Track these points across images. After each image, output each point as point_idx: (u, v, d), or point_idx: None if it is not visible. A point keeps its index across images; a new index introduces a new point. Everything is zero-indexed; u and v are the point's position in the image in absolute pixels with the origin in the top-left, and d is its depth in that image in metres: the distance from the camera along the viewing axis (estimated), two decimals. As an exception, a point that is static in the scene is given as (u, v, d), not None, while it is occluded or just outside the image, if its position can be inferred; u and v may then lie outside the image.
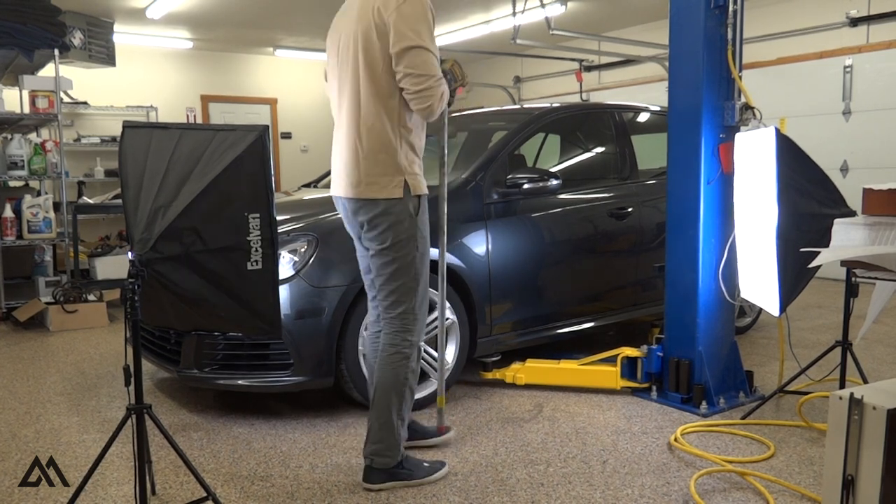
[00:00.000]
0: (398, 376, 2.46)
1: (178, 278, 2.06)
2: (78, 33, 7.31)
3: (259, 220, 2.14)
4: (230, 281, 2.10)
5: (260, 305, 2.14)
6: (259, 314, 2.15)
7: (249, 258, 2.10)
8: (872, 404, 1.61)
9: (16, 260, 6.02)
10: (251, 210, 2.12)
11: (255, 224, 2.11)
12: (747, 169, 3.04)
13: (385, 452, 2.47)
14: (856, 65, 6.83)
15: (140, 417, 2.08)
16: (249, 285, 2.11)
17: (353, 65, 2.40)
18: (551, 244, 3.72)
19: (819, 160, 3.04)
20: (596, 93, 9.42)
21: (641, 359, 3.43)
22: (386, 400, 2.46)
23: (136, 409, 2.08)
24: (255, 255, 2.10)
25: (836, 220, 2.29)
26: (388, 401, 2.46)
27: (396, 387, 2.46)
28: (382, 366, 2.47)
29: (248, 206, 2.11)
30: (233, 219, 2.06)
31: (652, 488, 2.48)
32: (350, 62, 2.42)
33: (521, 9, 6.66)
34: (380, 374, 2.48)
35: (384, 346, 2.49)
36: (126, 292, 2.01)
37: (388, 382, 2.46)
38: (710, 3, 3.12)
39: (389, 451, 2.47)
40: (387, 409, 2.46)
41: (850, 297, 2.97)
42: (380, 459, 2.47)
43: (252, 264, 2.10)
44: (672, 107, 3.29)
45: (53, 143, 5.64)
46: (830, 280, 6.34)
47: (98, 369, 4.07)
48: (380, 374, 2.48)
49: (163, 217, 2.03)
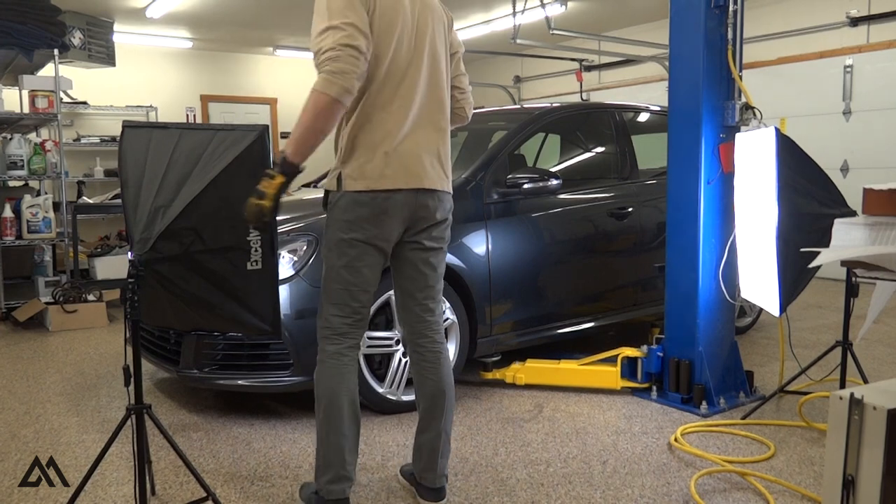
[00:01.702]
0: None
1: (177, 278, 2.05)
2: (78, 33, 7.31)
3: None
4: (230, 281, 2.09)
5: (260, 305, 2.14)
6: (259, 314, 2.14)
7: (249, 258, 2.09)
8: (873, 404, 1.61)
9: (15, 260, 6.02)
10: None
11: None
12: (747, 169, 3.04)
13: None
14: (856, 65, 6.83)
15: (140, 417, 2.08)
16: (249, 285, 2.10)
17: (434, 51, 2.20)
18: (551, 244, 3.72)
19: (819, 160, 3.04)
20: (596, 93, 9.42)
21: (641, 359, 3.43)
22: (453, 411, 2.37)
23: (136, 409, 2.08)
24: (254, 256, 2.09)
25: (837, 220, 2.28)
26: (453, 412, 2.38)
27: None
28: (449, 373, 2.34)
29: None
30: (232, 219, 2.04)
31: (652, 488, 2.48)
32: (430, 47, 2.20)
33: (521, 8, 6.65)
34: (449, 382, 2.33)
35: (444, 350, 2.34)
36: (125, 292, 2.00)
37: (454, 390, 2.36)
38: (710, 3, 3.12)
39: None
40: (452, 420, 2.37)
41: (850, 297, 2.96)
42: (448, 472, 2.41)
43: (252, 264, 2.09)
44: (672, 107, 3.29)
45: (53, 142, 5.64)
46: (830, 280, 6.34)
47: (98, 369, 4.07)
48: (449, 382, 2.33)
49: (162, 217, 2.02)
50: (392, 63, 2.09)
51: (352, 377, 2.18)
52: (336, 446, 2.15)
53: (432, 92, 2.19)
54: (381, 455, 2.77)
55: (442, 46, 2.23)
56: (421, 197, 2.15)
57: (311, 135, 1.94)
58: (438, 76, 2.20)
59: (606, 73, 9.45)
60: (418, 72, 2.14)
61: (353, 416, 2.18)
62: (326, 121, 1.94)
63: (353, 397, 2.18)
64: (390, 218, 2.12)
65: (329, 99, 1.90)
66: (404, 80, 2.11)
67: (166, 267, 2.03)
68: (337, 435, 2.15)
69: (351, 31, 1.94)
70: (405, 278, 2.28)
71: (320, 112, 1.92)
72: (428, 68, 2.17)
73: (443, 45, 2.24)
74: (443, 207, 2.23)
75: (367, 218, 2.09)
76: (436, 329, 2.32)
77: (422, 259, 2.24)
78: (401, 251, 2.24)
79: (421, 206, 2.16)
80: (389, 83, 2.09)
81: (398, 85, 2.10)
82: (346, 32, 1.93)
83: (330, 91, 1.90)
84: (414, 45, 2.14)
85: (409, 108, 2.11)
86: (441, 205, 2.22)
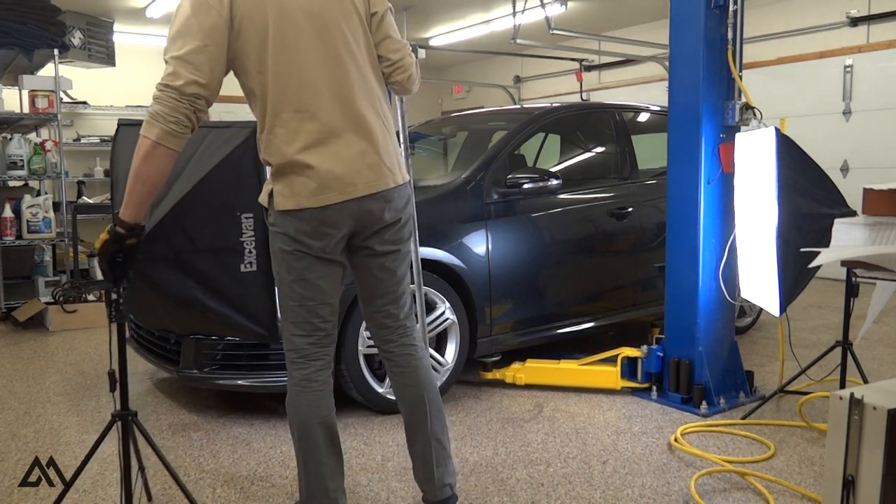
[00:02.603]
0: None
1: (167, 280, 1.97)
2: (78, 33, 7.31)
3: (253, 220, 2.05)
4: (223, 283, 2.02)
5: (255, 309, 2.07)
6: (254, 318, 2.08)
7: (243, 260, 2.02)
8: (873, 404, 1.61)
9: (15, 260, 6.02)
10: (244, 210, 2.03)
11: (248, 224, 2.03)
12: (747, 169, 3.04)
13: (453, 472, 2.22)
14: (856, 65, 6.83)
15: (125, 424, 1.99)
16: (243, 288, 2.03)
17: (333, 39, 1.95)
18: (551, 244, 3.72)
19: (819, 160, 3.03)
20: (596, 93, 9.42)
21: (641, 359, 3.43)
22: (443, 416, 2.19)
23: (122, 416, 1.99)
24: (248, 257, 2.02)
25: (837, 220, 2.28)
26: (444, 416, 2.20)
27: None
28: (427, 377, 2.16)
29: (240, 206, 2.03)
30: (224, 219, 1.98)
31: (652, 488, 2.48)
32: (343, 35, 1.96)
33: (521, 8, 6.65)
34: (430, 387, 2.16)
35: (417, 353, 2.16)
36: (108, 294, 1.91)
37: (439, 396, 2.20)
38: (710, 3, 3.12)
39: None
40: (445, 426, 2.19)
41: (850, 297, 2.96)
42: (454, 481, 2.20)
43: (246, 266, 2.03)
44: (672, 107, 3.29)
45: (53, 142, 5.64)
46: (830, 280, 6.33)
47: (98, 369, 4.07)
48: (430, 387, 2.16)
49: (150, 217, 1.95)
50: (278, 70, 1.87)
51: (324, 402, 2.02)
52: (316, 475, 2.02)
53: (344, 87, 1.92)
54: (381, 455, 2.77)
55: (347, 24, 1.94)
56: (364, 203, 1.93)
57: (137, 184, 1.79)
58: (344, 67, 1.92)
59: (606, 73, 9.45)
60: (318, 69, 1.90)
61: (330, 442, 2.04)
62: (151, 165, 1.78)
63: (329, 423, 2.03)
64: (331, 229, 1.92)
65: (150, 143, 1.77)
66: (303, 86, 1.88)
67: (155, 269, 1.95)
68: (315, 464, 2.02)
69: (176, 67, 1.79)
70: (362, 285, 2.10)
71: (142, 156, 1.78)
72: (331, 60, 1.91)
73: (349, 21, 1.95)
74: (392, 207, 2.00)
75: (307, 232, 1.91)
76: (403, 332, 2.14)
77: (377, 265, 2.05)
78: (353, 258, 2.06)
79: (364, 212, 1.95)
80: (287, 93, 1.88)
81: (298, 91, 1.88)
82: (171, 70, 1.80)
83: (150, 134, 1.77)
84: (304, 39, 1.89)
85: (318, 113, 1.89)
86: (389, 205, 1.98)
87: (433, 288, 3.25)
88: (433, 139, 4.75)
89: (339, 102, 1.92)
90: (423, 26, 8.72)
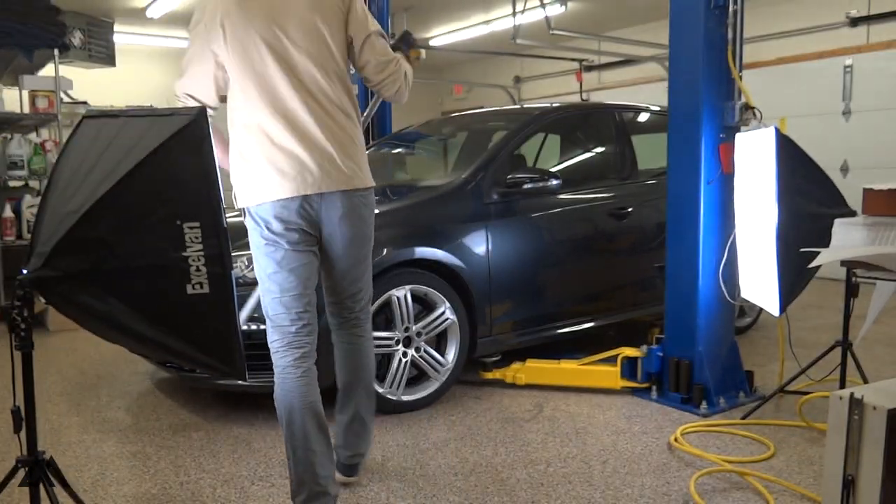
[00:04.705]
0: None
1: (89, 302, 1.61)
2: (78, 33, 7.31)
3: (200, 229, 1.62)
4: (162, 307, 1.65)
5: (208, 340, 1.69)
6: (209, 351, 1.70)
7: (189, 279, 1.62)
8: (872, 404, 1.61)
9: (16, 260, 6.02)
10: (186, 217, 1.61)
11: (193, 236, 1.62)
12: (747, 169, 3.04)
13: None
14: (856, 65, 6.83)
15: (33, 472, 1.65)
16: (191, 314, 1.65)
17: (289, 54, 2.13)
18: (551, 244, 3.72)
19: (819, 160, 3.03)
20: (596, 93, 9.42)
21: (641, 359, 3.43)
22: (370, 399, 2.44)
23: (28, 463, 1.65)
24: (196, 277, 1.62)
25: (836, 220, 2.29)
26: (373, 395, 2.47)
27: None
28: (367, 364, 2.39)
29: (180, 212, 1.62)
30: (157, 228, 1.60)
31: (652, 488, 2.48)
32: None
33: (521, 9, 6.65)
34: (367, 371, 2.39)
35: (369, 339, 2.40)
36: (8, 319, 1.57)
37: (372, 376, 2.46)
38: (710, 3, 3.12)
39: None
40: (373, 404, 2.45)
41: (850, 297, 2.96)
42: (366, 451, 2.51)
43: (194, 287, 1.63)
44: (672, 107, 3.29)
45: (53, 143, 5.64)
46: (830, 280, 6.32)
47: (98, 369, 4.07)
48: (367, 371, 2.39)
49: (44, 221, 1.59)
50: (244, 75, 2.06)
51: (310, 389, 2.12)
52: (305, 462, 2.09)
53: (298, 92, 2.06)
54: (381, 455, 2.77)
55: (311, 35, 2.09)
56: (314, 201, 2.08)
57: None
58: (299, 76, 2.07)
59: (606, 73, 9.45)
60: (278, 76, 2.05)
61: (318, 428, 2.12)
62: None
63: (315, 409, 2.12)
64: (293, 224, 2.07)
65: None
66: (264, 90, 2.05)
67: (68, 288, 1.59)
68: (304, 450, 2.09)
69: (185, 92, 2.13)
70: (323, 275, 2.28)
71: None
72: (288, 70, 2.06)
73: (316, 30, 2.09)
74: (341, 208, 2.11)
75: (272, 227, 2.06)
76: (355, 323, 2.34)
77: (336, 256, 2.20)
78: (320, 248, 2.19)
79: (315, 210, 2.09)
80: (248, 94, 2.06)
81: (259, 95, 2.05)
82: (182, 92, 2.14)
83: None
84: (265, 48, 2.05)
85: (276, 114, 2.05)
86: (337, 206, 2.11)
87: (433, 288, 3.25)
88: (433, 139, 4.75)
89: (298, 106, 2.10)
90: (423, 26, 8.72)
